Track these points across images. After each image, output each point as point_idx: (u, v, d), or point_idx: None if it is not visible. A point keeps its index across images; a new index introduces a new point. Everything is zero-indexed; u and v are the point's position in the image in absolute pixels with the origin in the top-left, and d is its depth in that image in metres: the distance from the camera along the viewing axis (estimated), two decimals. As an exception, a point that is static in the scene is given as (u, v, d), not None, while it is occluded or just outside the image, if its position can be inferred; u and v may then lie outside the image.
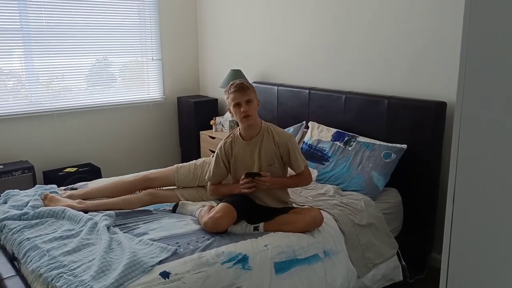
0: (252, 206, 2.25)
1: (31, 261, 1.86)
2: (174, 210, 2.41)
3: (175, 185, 2.63)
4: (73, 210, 2.28)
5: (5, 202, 2.46)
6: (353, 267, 2.20)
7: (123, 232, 2.08)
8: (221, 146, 2.31)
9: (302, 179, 2.29)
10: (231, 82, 2.24)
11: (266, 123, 2.30)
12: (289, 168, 2.33)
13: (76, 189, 2.68)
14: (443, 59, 2.56)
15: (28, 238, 2.04)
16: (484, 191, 1.47)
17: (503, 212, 1.43)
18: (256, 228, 2.15)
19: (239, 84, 2.19)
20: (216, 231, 2.09)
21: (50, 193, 2.47)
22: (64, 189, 2.68)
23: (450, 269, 1.60)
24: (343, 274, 2.16)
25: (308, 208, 2.30)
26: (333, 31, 3.19)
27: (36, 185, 2.67)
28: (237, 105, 2.17)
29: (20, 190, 2.61)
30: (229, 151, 2.29)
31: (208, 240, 2.00)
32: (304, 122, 3.23)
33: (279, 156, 2.24)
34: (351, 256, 2.21)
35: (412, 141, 2.59)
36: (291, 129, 3.18)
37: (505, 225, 1.43)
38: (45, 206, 2.34)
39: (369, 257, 2.27)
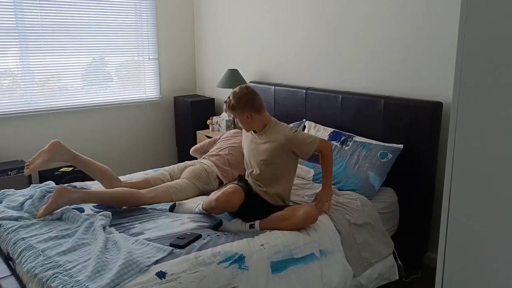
0: (251, 199, 2.29)
1: (26, 261, 1.85)
2: (171, 210, 2.40)
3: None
4: (73, 210, 2.27)
5: (0, 202, 2.44)
6: (349, 266, 2.21)
7: (119, 232, 2.07)
8: None
9: (325, 159, 2.34)
10: (231, 93, 2.37)
11: (277, 122, 2.38)
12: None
13: (75, 187, 2.69)
14: (439, 60, 2.57)
15: (23, 237, 2.03)
16: (479, 190, 1.47)
17: (498, 211, 1.43)
18: (251, 226, 2.16)
19: (228, 103, 2.37)
20: (227, 208, 2.16)
21: (47, 191, 2.47)
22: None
23: (445, 268, 1.61)
24: (339, 273, 2.16)
25: (302, 204, 2.32)
26: (329, 31, 3.19)
27: (32, 185, 2.65)
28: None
29: (16, 189, 2.59)
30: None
31: (204, 239, 1.99)
32: (304, 120, 3.23)
33: (280, 154, 2.32)
34: (347, 255, 2.21)
35: (409, 141, 2.60)
36: (291, 125, 3.19)
37: (500, 224, 1.44)
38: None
39: (365, 256, 2.28)
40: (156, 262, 1.78)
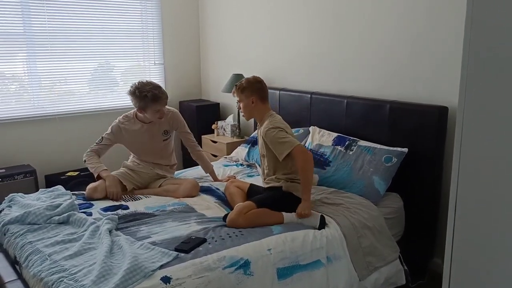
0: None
1: (32, 265, 1.86)
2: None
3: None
4: (80, 214, 2.29)
5: (10, 206, 2.46)
6: (355, 272, 2.19)
7: (125, 236, 2.08)
8: None
9: (299, 168, 2.26)
10: (245, 79, 2.57)
11: (273, 114, 2.46)
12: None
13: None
14: (445, 64, 2.56)
15: (30, 241, 2.04)
16: (486, 196, 1.46)
17: (506, 216, 1.42)
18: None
19: (239, 86, 2.51)
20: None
21: (58, 194, 2.57)
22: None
23: (452, 274, 1.60)
24: (345, 279, 2.15)
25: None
26: (335, 36, 3.19)
27: (40, 189, 2.68)
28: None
29: (24, 194, 2.61)
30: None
31: (209, 243, 1.99)
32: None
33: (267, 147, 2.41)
34: (352, 259, 2.20)
35: (414, 146, 2.58)
36: (300, 130, 3.19)
37: (507, 230, 1.42)
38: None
39: (370, 260, 2.26)
40: (161, 267, 1.79)
